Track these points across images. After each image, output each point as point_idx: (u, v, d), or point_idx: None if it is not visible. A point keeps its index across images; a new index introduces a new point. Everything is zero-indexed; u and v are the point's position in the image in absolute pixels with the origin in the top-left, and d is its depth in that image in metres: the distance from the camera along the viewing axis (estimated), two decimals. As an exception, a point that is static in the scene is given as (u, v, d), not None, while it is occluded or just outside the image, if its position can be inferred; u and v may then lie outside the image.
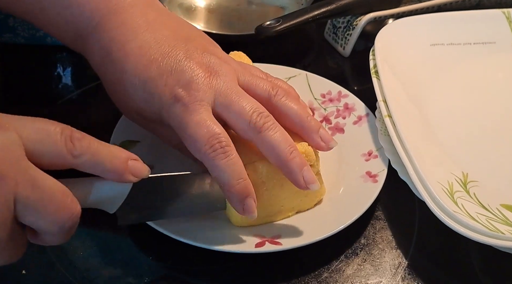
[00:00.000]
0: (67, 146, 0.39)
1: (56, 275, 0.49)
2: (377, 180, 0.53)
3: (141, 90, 0.48)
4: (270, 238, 0.49)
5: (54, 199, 0.38)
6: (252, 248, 0.48)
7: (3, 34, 0.70)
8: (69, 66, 0.72)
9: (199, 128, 0.46)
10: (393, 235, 0.54)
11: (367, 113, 0.60)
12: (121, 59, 0.49)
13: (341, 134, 0.60)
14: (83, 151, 0.39)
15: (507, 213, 0.50)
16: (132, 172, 0.42)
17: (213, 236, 0.49)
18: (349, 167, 0.56)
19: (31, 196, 0.37)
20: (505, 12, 0.69)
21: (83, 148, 0.40)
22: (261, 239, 0.49)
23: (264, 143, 0.47)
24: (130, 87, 0.49)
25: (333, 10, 0.69)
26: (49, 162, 0.39)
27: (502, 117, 0.62)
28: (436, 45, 0.67)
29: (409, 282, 0.50)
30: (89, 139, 0.40)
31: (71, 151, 0.39)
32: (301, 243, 0.49)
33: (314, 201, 0.53)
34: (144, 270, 0.50)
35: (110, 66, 0.50)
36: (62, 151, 0.39)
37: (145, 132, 0.57)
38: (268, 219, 0.51)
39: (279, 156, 0.47)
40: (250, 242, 0.49)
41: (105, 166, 0.41)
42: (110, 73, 0.50)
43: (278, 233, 0.50)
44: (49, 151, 0.39)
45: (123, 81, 0.49)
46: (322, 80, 0.64)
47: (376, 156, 0.56)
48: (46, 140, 0.39)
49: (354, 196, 0.53)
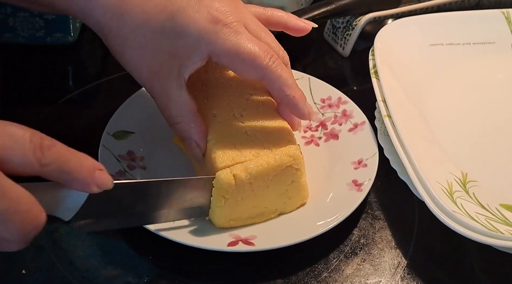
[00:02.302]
0: (35, 154, 0.37)
1: (56, 275, 0.49)
2: (362, 189, 0.53)
3: (169, 27, 0.47)
4: (245, 238, 0.50)
5: (21, 208, 0.36)
6: (224, 247, 0.48)
7: (3, 34, 0.70)
8: (69, 66, 0.72)
9: (253, 45, 0.48)
10: (392, 235, 0.54)
11: (364, 121, 0.60)
12: (139, 2, 0.48)
13: (335, 140, 0.60)
14: (51, 160, 0.38)
15: (507, 212, 0.50)
16: (97, 183, 0.40)
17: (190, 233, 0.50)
18: (337, 174, 0.56)
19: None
20: (505, 13, 0.69)
21: (52, 156, 0.38)
22: (235, 238, 0.49)
23: (273, 76, 0.50)
24: (153, 30, 0.48)
25: (333, 10, 0.69)
26: (16, 169, 0.37)
27: (501, 117, 0.62)
28: (436, 45, 0.67)
29: (409, 281, 0.50)
30: (59, 148, 0.39)
31: (39, 159, 0.37)
32: (274, 245, 0.49)
33: (297, 203, 0.53)
34: (144, 270, 0.50)
35: (124, 17, 0.48)
36: (30, 159, 0.37)
37: (140, 124, 0.59)
38: (250, 220, 0.52)
39: (287, 88, 0.50)
40: (223, 241, 0.49)
41: (72, 176, 0.39)
42: (124, 25, 0.48)
43: (253, 233, 0.50)
44: (16, 158, 0.37)
45: (143, 28, 0.48)
46: (323, 85, 0.64)
47: (366, 165, 0.55)
48: (14, 147, 0.37)
49: (337, 202, 0.53)
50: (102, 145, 0.55)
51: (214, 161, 0.50)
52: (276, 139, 0.52)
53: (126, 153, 0.56)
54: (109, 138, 0.57)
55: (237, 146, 0.51)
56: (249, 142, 0.51)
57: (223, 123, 0.53)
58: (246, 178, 0.49)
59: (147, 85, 0.51)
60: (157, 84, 0.51)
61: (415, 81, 0.63)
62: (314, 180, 0.55)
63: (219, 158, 0.50)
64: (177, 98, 0.51)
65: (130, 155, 0.56)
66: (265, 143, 0.51)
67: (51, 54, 0.71)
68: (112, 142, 0.56)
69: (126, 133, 0.58)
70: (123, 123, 0.58)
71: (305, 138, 0.61)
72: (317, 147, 0.60)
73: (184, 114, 0.51)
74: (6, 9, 0.68)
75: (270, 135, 0.52)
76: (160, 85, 0.50)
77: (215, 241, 0.49)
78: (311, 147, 0.60)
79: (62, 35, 0.70)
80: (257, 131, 0.52)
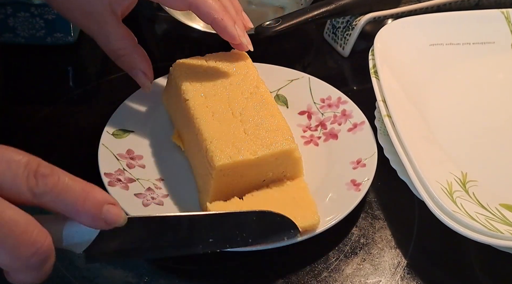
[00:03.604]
0: (29, 182, 0.34)
1: (56, 275, 0.49)
2: (360, 189, 0.53)
3: None
4: None
5: (14, 231, 0.33)
6: None
7: (3, 34, 0.70)
8: (69, 66, 0.72)
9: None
10: (392, 235, 0.54)
11: (363, 121, 0.60)
12: None
13: (334, 140, 0.60)
14: (46, 189, 0.35)
15: (506, 212, 0.50)
16: (105, 218, 0.36)
17: None
18: (336, 173, 0.56)
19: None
20: (504, 12, 0.69)
21: (47, 186, 0.35)
22: None
23: (199, 2, 0.53)
24: None
25: (333, 10, 0.69)
26: (7, 197, 0.34)
27: (501, 117, 0.62)
28: (436, 45, 0.67)
29: (408, 281, 0.50)
30: (57, 176, 0.35)
31: (31, 188, 0.34)
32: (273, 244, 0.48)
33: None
34: (144, 270, 0.50)
35: None
36: (21, 187, 0.34)
37: (139, 123, 0.59)
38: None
39: (214, 12, 0.53)
40: None
41: (75, 208, 0.36)
42: None
43: None
44: (7, 185, 0.34)
45: None
46: (323, 85, 0.64)
47: (364, 165, 0.55)
48: (6, 173, 0.34)
49: (336, 202, 0.53)
50: (101, 144, 0.56)
51: (212, 159, 0.50)
52: (275, 138, 0.52)
53: (125, 151, 0.56)
54: (109, 137, 0.57)
55: (235, 144, 0.51)
56: (247, 141, 0.51)
57: (222, 122, 0.53)
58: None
59: (84, 26, 0.54)
60: (93, 24, 0.54)
61: (415, 81, 0.63)
62: (313, 180, 0.55)
63: (217, 156, 0.50)
64: (116, 33, 0.54)
65: (129, 154, 0.56)
66: (263, 142, 0.51)
67: (51, 54, 0.71)
68: (111, 140, 0.56)
69: (126, 132, 0.58)
70: (123, 122, 0.59)
71: (304, 138, 0.61)
72: (316, 146, 0.60)
73: (126, 47, 0.55)
74: (6, 9, 0.68)
75: (268, 135, 0.52)
76: (96, 24, 0.53)
77: None
78: (310, 147, 0.60)
79: (62, 35, 0.70)
80: (255, 131, 0.52)
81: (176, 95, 0.58)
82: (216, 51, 0.60)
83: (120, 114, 0.59)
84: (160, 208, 0.52)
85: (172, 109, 0.60)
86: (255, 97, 0.56)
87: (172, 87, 0.59)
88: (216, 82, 0.57)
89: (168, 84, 0.60)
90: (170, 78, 0.59)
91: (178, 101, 0.57)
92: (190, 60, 0.59)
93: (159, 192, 0.54)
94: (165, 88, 0.61)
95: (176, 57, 0.60)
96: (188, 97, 0.55)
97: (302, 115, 0.63)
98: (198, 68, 0.58)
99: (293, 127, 0.57)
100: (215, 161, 0.50)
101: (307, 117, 0.62)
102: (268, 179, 0.53)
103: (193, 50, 0.63)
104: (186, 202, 0.53)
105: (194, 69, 0.58)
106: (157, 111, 0.61)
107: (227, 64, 0.59)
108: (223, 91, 0.56)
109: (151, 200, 0.52)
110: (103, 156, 0.55)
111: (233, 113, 0.54)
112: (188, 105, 0.55)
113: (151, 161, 0.57)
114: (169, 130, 0.60)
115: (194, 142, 0.54)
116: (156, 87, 0.62)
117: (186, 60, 0.59)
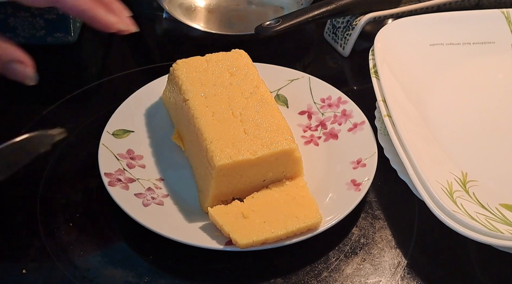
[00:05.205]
0: None
1: (56, 275, 0.49)
2: (360, 189, 0.53)
3: None
4: None
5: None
6: (223, 246, 0.49)
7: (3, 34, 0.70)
8: (69, 66, 0.72)
9: None
10: (392, 235, 0.54)
11: (363, 121, 0.60)
12: None
13: (334, 140, 0.60)
14: None
15: (506, 212, 0.51)
16: None
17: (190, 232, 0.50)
18: (336, 173, 0.56)
19: None
20: (505, 12, 0.69)
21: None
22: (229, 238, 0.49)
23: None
24: None
25: (333, 10, 0.69)
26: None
27: (501, 117, 0.62)
28: (436, 45, 0.67)
29: (409, 281, 0.50)
30: None
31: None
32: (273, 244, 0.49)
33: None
34: (144, 269, 0.50)
35: None
36: None
37: (139, 123, 0.59)
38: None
39: (79, 3, 0.50)
40: (222, 240, 0.49)
41: None
42: None
43: None
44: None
45: None
46: (323, 85, 0.64)
47: (364, 165, 0.55)
48: None
49: (336, 202, 0.53)
50: (101, 144, 0.56)
51: (212, 159, 0.50)
52: (275, 138, 0.52)
53: (125, 151, 0.56)
54: (109, 137, 0.57)
55: (235, 144, 0.51)
56: (247, 141, 0.52)
57: (222, 122, 0.53)
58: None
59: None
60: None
61: (415, 81, 0.63)
62: (313, 179, 0.55)
63: (217, 156, 0.50)
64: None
65: (129, 154, 0.56)
66: (263, 142, 0.51)
67: (51, 54, 0.71)
68: (111, 140, 0.57)
69: (126, 132, 0.58)
70: (123, 122, 0.59)
71: (304, 138, 0.61)
72: (316, 146, 0.60)
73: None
74: (7, 9, 0.68)
75: (268, 135, 0.52)
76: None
77: (214, 240, 0.49)
78: (311, 147, 0.60)
79: (62, 35, 0.70)
80: (256, 130, 0.52)
81: (176, 95, 0.58)
82: (216, 51, 0.60)
83: (120, 114, 0.59)
84: (160, 208, 0.52)
85: (172, 109, 0.60)
86: (255, 97, 0.56)
87: (172, 87, 0.59)
88: (216, 82, 0.57)
89: (168, 84, 0.60)
90: (170, 78, 0.60)
91: (178, 101, 0.57)
92: (190, 60, 0.59)
93: (159, 191, 0.54)
94: (165, 88, 0.61)
95: (176, 57, 0.60)
96: (188, 97, 0.55)
97: (302, 115, 0.63)
98: (198, 68, 0.58)
99: (293, 127, 0.57)
100: (215, 161, 0.50)
101: (307, 117, 0.62)
102: (268, 179, 0.53)
103: (193, 50, 0.63)
104: (186, 202, 0.53)
105: (194, 69, 0.58)
106: (157, 111, 0.61)
107: (227, 64, 0.59)
108: (223, 91, 0.56)
109: (151, 200, 0.52)
110: (103, 155, 0.55)
111: (233, 113, 0.54)
112: (188, 105, 0.55)
113: (151, 161, 0.57)
114: (169, 130, 0.60)
115: (194, 141, 0.54)
116: (156, 87, 0.62)
117: (186, 60, 0.59)
